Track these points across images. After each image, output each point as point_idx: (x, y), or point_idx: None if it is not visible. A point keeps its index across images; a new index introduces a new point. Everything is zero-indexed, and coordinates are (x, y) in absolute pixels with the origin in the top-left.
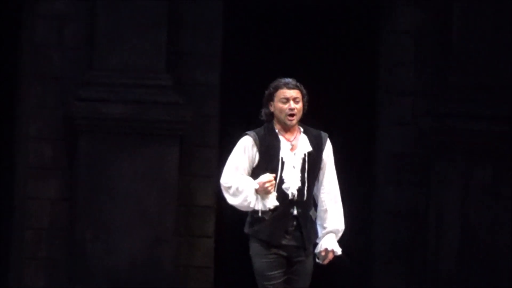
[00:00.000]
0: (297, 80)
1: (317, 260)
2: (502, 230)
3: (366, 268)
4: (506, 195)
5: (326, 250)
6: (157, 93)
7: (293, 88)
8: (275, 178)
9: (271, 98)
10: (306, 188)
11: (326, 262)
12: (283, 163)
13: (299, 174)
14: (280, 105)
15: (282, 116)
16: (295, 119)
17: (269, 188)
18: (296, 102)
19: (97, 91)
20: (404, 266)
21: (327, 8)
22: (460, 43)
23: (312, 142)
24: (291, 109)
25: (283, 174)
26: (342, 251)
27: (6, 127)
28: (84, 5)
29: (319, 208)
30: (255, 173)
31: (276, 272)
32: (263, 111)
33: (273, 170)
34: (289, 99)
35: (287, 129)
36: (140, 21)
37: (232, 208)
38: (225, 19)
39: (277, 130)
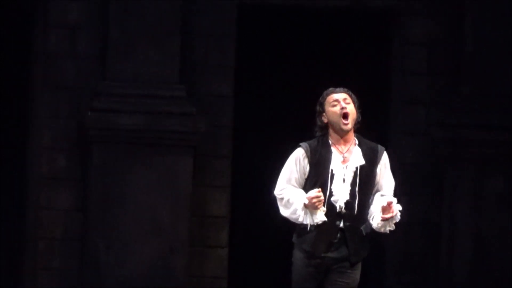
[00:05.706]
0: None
1: (375, 226)
2: None
3: (378, 278)
4: None
5: (386, 204)
6: (171, 104)
7: (340, 92)
8: (324, 192)
9: (322, 108)
10: (357, 201)
11: (388, 215)
12: (332, 175)
13: (349, 188)
14: (331, 108)
15: (335, 119)
16: (349, 122)
17: (317, 204)
18: (347, 103)
19: (110, 101)
20: (417, 277)
21: (340, 18)
22: (472, 54)
23: (365, 155)
24: (342, 108)
25: (332, 187)
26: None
27: (19, 137)
28: (96, 15)
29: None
30: (306, 184)
31: (311, 286)
32: (317, 125)
33: (323, 183)
34: (339, 100)
35: (341, 140)
36: (153, 31)
37: (245, 218)
38: (239, 29)
39: (330, 142)
